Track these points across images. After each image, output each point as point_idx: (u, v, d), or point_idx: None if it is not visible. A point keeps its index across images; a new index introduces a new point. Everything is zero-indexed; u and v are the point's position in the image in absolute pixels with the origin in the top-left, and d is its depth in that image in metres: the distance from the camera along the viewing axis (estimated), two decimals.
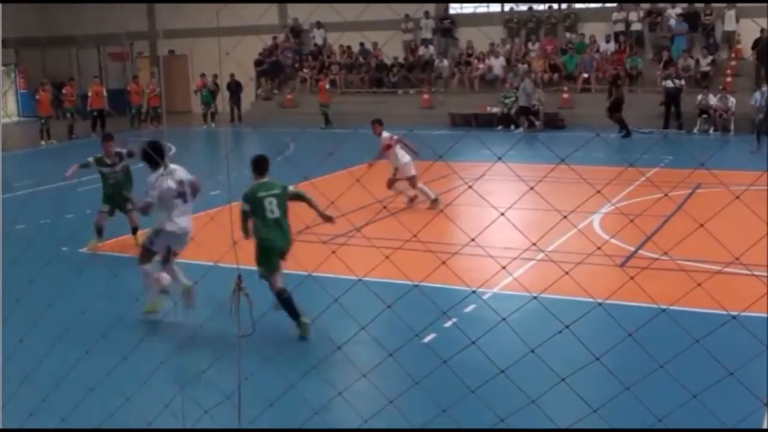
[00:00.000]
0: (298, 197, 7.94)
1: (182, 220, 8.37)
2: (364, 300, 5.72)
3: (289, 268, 9.76)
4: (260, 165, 8.15)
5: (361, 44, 32.76)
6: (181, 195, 8.38)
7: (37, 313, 6.98)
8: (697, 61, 27.96)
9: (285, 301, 7.14)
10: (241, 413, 5.28)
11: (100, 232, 12.42)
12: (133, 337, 6.30)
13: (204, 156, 23.84)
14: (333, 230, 11.90)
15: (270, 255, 7.41)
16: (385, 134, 15.39)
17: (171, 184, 8.23)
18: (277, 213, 7.63)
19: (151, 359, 6.22)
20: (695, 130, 25.89)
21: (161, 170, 8.18)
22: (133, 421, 6.18)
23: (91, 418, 6.28)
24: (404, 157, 15.18)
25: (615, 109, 25.56)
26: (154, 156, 7.94)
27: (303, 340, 6.74)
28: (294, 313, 7.14)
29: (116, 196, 12.45)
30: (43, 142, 28.07)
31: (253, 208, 7.55)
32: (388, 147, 15.23)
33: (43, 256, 7.70)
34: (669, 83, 26.37)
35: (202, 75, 31.87)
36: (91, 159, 12.55)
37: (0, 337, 6.21)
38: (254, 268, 5.19)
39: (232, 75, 31.63)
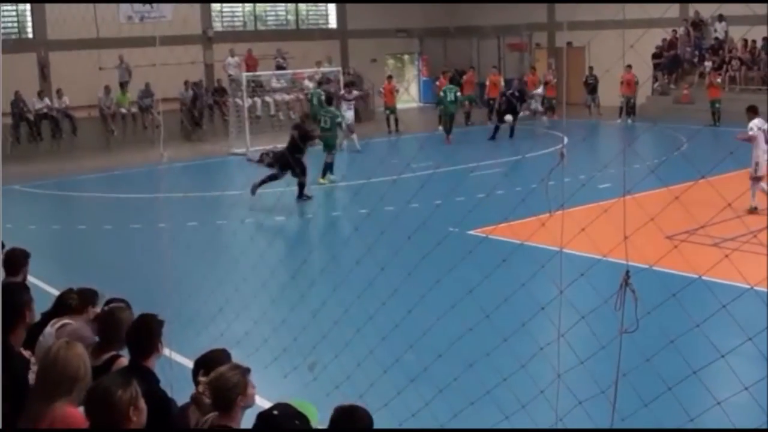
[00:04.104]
0: None
1: None
2: (754, 310, 5.39)
3: (678, 268, 9.45)
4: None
5: (765, 39, 30.64)
6: None
7: (426, 287, 7.37)
8: None
9: None
10: (615, 408, 5.21)
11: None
12: (516, 320, 6.46)
13: (596, 149, 23.66)
14: (726, 233, 11.33)
15: None
16: (755, 122, 15.14)
17: None
18: None
19: (530, 343, 6.33)
20: None
21: None
22: (505, 400, 6.37)
23: (465, 391, 6.55)
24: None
25: None
26: None
27: (673, 342, 6.49)
28: None
29: None
30: (440, 127, 29.30)
31: None
32: (750, 138, 14.98)
33: (434, 235, 8.07)
34: None
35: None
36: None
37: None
38: (644, 265, 5.06)
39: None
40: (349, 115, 27.37)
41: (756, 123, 15.20)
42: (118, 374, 4.64)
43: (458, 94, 28.95)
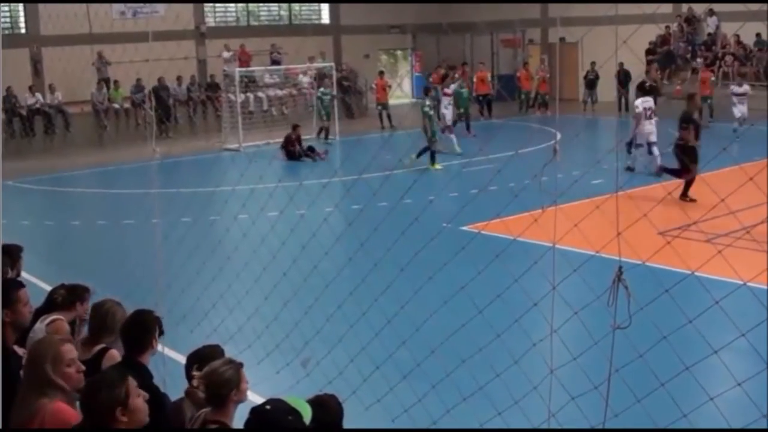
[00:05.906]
0: None
1: None
2: (747, 306, 5.41)
3: (671, 264, 9.48)
4: None
5: (757, 35, 30.68)
6: None
7: (419, 283, 7.37)
8: None
9: None
10: (608, 404, 5.22)
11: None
12: (509, 316, 6.47)
13: (589, 145, 23.66)
14: (719, 229, 11.34)
15: None
16: (637, 101, 18.19)
17: None
18: None
19: (523, 339, 6.35)
20: None
21: None
22: (498, 396, 6.38)
23: (458, 386, 6.56)
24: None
25: None
26: None
27: (665, 338, 6.50)
28: None
29: None
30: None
31: None
32: (636, 116, 18.16)
33: (427, 231, 8.08)
34: None
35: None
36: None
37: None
38: (637, 261, 5.07)
39: (621, 64, 31.08)
40: (448, 114, 25.24)
41: (639, 102, 18.31)
42: (115, 371, 4.63)
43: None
